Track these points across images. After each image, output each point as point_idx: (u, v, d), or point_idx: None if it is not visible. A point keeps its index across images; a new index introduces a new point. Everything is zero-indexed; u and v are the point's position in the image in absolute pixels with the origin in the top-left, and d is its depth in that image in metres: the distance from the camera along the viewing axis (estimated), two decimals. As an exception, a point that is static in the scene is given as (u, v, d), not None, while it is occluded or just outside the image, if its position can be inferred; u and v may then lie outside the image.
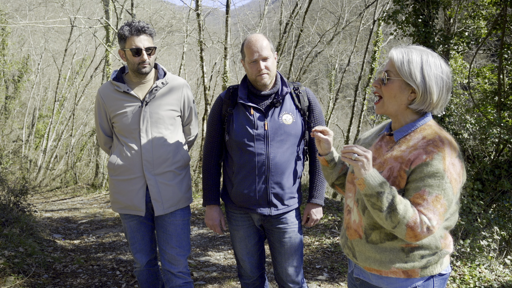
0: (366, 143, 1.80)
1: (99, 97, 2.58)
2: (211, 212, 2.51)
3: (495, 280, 3.78)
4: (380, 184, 1.49)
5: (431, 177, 1.47)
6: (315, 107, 2.44)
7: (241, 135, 2.31)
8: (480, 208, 4.78)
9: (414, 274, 1.58)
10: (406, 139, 1.61)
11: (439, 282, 1.62)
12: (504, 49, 6.59)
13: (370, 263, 1.64)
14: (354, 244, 1.70)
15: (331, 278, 4.11)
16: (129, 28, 2.42)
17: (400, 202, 1.48)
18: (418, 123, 1.62)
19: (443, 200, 1.47)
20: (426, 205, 1.48)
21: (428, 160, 1.48)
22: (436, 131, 1.58)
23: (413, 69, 1.56)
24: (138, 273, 2.77)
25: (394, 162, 1.58)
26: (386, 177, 1.57)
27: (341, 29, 15.12)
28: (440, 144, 1.51)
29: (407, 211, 1.47)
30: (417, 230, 1.46)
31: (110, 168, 2.58)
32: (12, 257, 4.11)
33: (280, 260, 2.46)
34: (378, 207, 1.49)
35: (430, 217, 1.47)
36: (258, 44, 2.27)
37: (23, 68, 20.77)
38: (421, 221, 1.47)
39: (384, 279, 1.63)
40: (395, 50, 1.62)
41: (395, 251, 1.59)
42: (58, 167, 20.54)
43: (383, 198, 1.48)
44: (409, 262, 1.57)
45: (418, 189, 1.49)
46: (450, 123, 6.55)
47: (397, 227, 1.48)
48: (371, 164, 1.52)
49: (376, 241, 1.61)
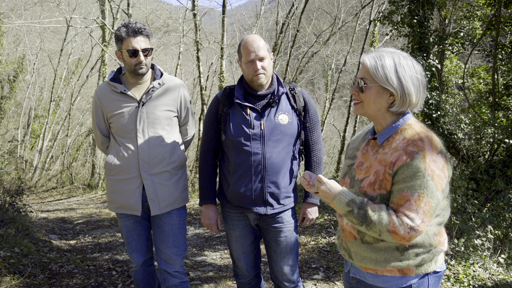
0: (354, 147, 1.83)
1: (96, 97, 2.59)
2: (207, 212, 2.53)
3: (489, 279, 3.82)
4: (347, 204, 1.57)
5: (412, 177, 1.50)
6: (311, 108, 2.47)
7: (237, 135, 2.33)
8: (474, 207, 4.82)
9: (409, 272, 1.61)
10: (388, 142, 1.63)
11: (433, 279, 1.64)
12: (499, 50, 6.64)
13: (366, 263, 1.67)
14: (350, 245, 1.72)
15: (327, 277, 4.13)
16: (126, 29, 2.43)
17: (374, 213, 1.52)
18: (398, 124, 1.64)
19: (427, 198, 1.50)
20: (409, 206, 1.50)
21: (408, 161, 1.51)
22: (416, 130, 1.60)
23: (388, 74, 1.58)
24: (134, 273, 2.77)
25: (378, 165, 1.60)
26: (373, 181, 1.60)
27: (337, 29, 15.16)
28: (419, 143, 1.53)
29: (382, 219, 1.51)
30: (400, 232, 1.49)
31: (107, 168, 2.59)
32: (7, 257, 4.11)
33: (275, 259, 2.47)
34: (355, 223, 1.58)
35: (412, 217, 1.49)
36: (255, 45, 2.29)
37: (18, 68, 20.67)
38: (401, 223, 1.49)
39: (380, 277, 1.65)
40: (367, 56, 1.64)
41: (389, 250, 1.61)
42: (54, 167, 20.46)
43: (354, 214, 1.55)
44: (404, 261, 1.60)
45: (401, 191, 1.52)
46: (445, 123, 6.59)
47: (381, 235, 1.54)
48: (333, 186, 1.62)
49: (371, 241, 1.64)
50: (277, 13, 14.54)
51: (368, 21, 15.38)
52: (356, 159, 1.75)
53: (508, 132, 5.70)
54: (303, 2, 13.23)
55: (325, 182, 1.63)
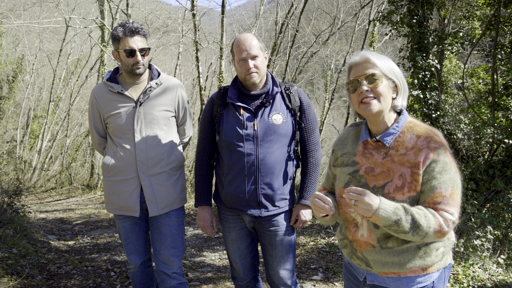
0: (348, 153, 1.75)
1: (93, 98, 2.58)
2: (202, 213, 2.50)
3: (489, 280, 3.81)
4: (394, 213, 1.48)
5: (443, 172, 1.52)
6: (307, 107, 2.40)
7: (230, 135, 2.30)
8: (474, 207, 4.81)
9: (431, 269, 1.61)
10: (398, 142, 1.61)
11: (447, 272, 1.68)
12: (498, 50, 6.63)
13: (389, 268, 1.63)
14: (367, 254, 1.66)
15: (326, 278, 4.11)
16: (123, 29, 2.41)
17: (420, 217, 1.48)
18: (401, 123, 1.63)
19: (457, 190, 1.53)
20: (446, 201, 1.52)
21: (435, 157, 1.52)
22: (423, 126, 1.63)
23: (390, 65, 1.63)
24: (132, 274, 2.76)
25: (402, 168, 1.56)
26: (401, 185, 1.55)
27: (336, 29, 15.14)
28: (437, 138, 1.57)
29: (430, 221, 1.49)
30: (444, 229, 1.51)
31: (104, 169, 2.57)
32: (5, 258, 4.09)
33: (271, 263, 2.44)
34: (401, 231, 1.50)
35: (452, 211, 1.52)
36: (247, 43, 2.26)
37: (17, 68, 20.63)
38: (445, 220, 1.51)
39: (403, 280, 1.63)
40: (364, 54, 1.65)
41: (412, 250, 1.60)
42: (53, 167, 20.44)
43: (402, 223, 1.48)
44: (427, 258, 1.60)
45: (435, 188, 1.52)
46: (444, 123, 6.58)
47: (425, 237, 1.52)
48: (373, 197, 1.48)
49: (393, 246, 1.61)
50: (276, 13, 14.52)
51: (367, 21, 15.37)
52: (359, 165, 1.68)
53: (507, 132, 5.69)
54: (302, 2, 13.22)
55: (367, 193, 1.48)
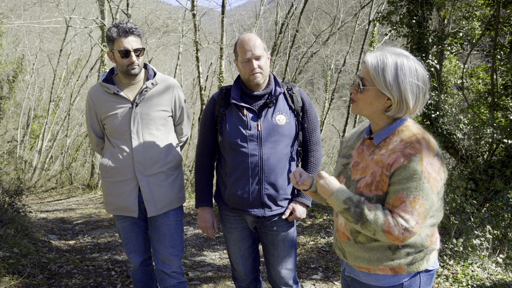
0: (349, 146, 1.82)
1: (89, 99, 2.57)
2: (203, 214, 2.49)
3: (488, 279, 3.82)
4: (344, 201, 1.57)
5: (409, 179, 1.50)
6: (309, 108, 2.42)
7: (234, 136, 2.29)
8: (473, 207, 4.82)
9: (400, 271, 1.63)
10: (385, 142, 1.63)
11: (425, 278, 1.66)
12: (497, 50, 6.65)
13: (360, 262, 1.69)
14: (343, 245, 1.75)
15: (326, 277, 4.13)
16: (117, 29, 2.39)
17: (370, 212, 1.53)
18: (396, 125, 1.63)
19: (422, 200, 1.50)
20: (404, 207, 1.51)
21: (406, 163, 1.51)
22: (414, 132, 1.58)
23: (388, 78, 1.53)
24: (133, 272, 2.78)
25: (375, 166, 1.60)
26: (370, 182, 1.60)
27: (336, 29, 15.15)
28: (417, 145, 1.53)
29: (378, 219, 1.52)
30: (395, 233, 1.50)
31: (102, 170, 2.57)
32: (7, 257, 4.11)
33: (273, 263, 2.44)
34: (350, 221, 1.58)
35: (407, 218, 1.50)
36: (251, 43, 2.25)
37: (18, 68, 20.66)
38: (396, 224, 1.50)
39: (372, 276, 1.68)
40: (370, 56, 1.59)
41: (382, 250, 1.63)
42: (54, 167, 20.46)
43: (350, 212, 1.56)
44: (395, 260, 1.62)
45: (397, 192, 1.53)
46: (444, 123, 6.59)
47: (375, 234, 1.54)
48: (330, 182, 1.62)
49: (364, 241, 1.66)
50: (276, 13, 14.53)
51: (367, 21, 15.39)
52: (352, 159, 1.75)
53: (507, 132, 5.70)
54: (302, 2, 13.22)
55: (325, 177, 1.63)
